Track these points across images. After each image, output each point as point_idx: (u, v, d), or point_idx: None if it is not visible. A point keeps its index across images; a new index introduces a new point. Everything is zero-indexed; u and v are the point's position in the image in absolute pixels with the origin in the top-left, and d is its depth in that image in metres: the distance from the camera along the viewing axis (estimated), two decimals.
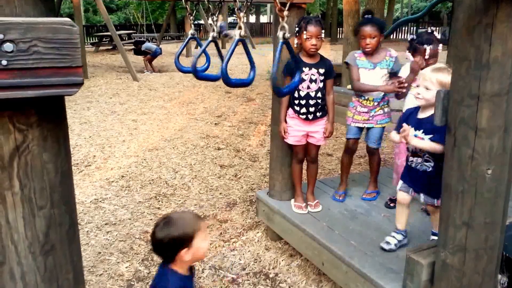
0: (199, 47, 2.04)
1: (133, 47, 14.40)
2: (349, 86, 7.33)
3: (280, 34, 1.43)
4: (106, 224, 4.08)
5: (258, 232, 3.99)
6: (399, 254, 2.86)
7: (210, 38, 2.02)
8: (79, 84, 1.00)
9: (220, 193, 4.82)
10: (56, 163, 1.05)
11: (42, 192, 1.03)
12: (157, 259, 3.52)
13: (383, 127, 3.71)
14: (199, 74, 1.57)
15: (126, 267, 3.42)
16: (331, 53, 16.93)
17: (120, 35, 15.25)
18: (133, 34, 21.04)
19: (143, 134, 6.99)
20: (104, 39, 19.62)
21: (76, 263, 1.14)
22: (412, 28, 29.31)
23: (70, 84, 0.98)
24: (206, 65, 2.41)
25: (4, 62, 0.88)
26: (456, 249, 2.07)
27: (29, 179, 1.00)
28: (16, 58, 0.90)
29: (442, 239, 2.13)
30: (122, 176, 5.19)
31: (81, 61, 0.99)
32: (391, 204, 3.59)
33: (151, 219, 4.19)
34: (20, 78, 0.90)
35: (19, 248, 1.02)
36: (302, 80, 3.35)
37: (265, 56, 16.17)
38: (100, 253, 3.61)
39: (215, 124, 7.71)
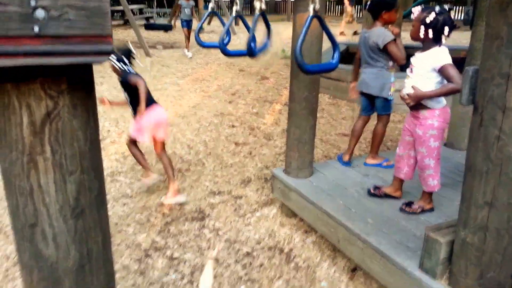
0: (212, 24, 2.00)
1: (144, 22, 14.28)
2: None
3: (310, 7, 1.39)
4: (122, 196, 4.13)
5: (273, 209, 4.01)
6: (416, 232, 2.86)
7: (234, 13, 1.98)
8: (108, 53, 0.99)
9: (235, 170, 4.83)
10: (86, 131, 1.05)
11: (73, 158, 1.03)
12: (173, 231, 3.57)
13: None
14: (226, 50, 1.54)
15: (143, 238, 3.47)
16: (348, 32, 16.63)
17: (131, 10, 15.14)
18: (144, 9, 20.82)
19: None
20: (115, 14, 19.47)
21: (104, 228, 1.15)
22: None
23: (99, 53, 0.97)
24: (227, 39, 2.38)
25: (36, 29, 0.88)
26: (477, 228, 2.06)
27: (60, 145, 1.00)
28: (48, 25, 0.89)
29: (463, 218, 2.11)
30: None
31: (110, 30, 0.98)
32: (373, 192, 3.46)
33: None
34: (51, 45, 0.90)
35: (51, 211, 1.03)
36: None
37: (279, 34, 15.98)
38: (117, 224, 3.66)
39: (229, 102, 7.68)
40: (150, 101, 3.97)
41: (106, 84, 8.66)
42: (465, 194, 2.09)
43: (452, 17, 3.30)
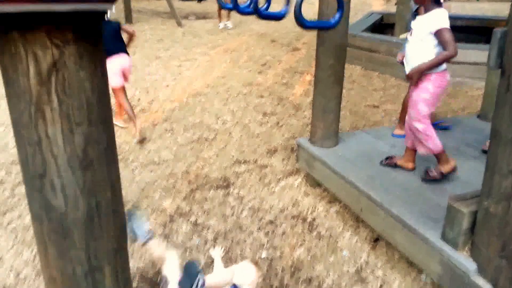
0: None
1: None
2: (402, 36, 6.95)
3: None
4: (150, 163, 4.22)
5: (297, 179, 4.01)
6: (440, 203, 2.78)
7: None
8: (113, 0, 0.99)
9: (261, 140, 4.83)
10: (93, 82, 1.06)
11: (80, 109, 1.04)
12: (198, 198, 3.64)
13: None
14: (262, 13, 1.50)
15: (169, 204, 3.56)
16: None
17: None
18: None
19: (186, 80, 7.04)
20: None
21: (114, 182, 1.17)
22: None
23: (105, 0, 0.97)
24: (266, 4, 2.32)
25: None
26: (501, 198, 1.98)
27: (67, 95, 1.02)
28: None
29: (486, 187, 2.04)
30: (166, 119, 5.30)
31: None
32: (385, 162, 3.40)
33: (193, 161, 4.29)
34: None
35: (59, 162, 1.05)
36: None
37: (313, 4, 15.57)
38: (144, 189, 3.76)
39: (259, 72, 7.62)
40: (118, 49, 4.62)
41: (138, 53, 8.75)
42: (489, 162, 2.01)
43: None
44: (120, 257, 1.25)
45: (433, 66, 2.90)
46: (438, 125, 4.19)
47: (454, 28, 2.96)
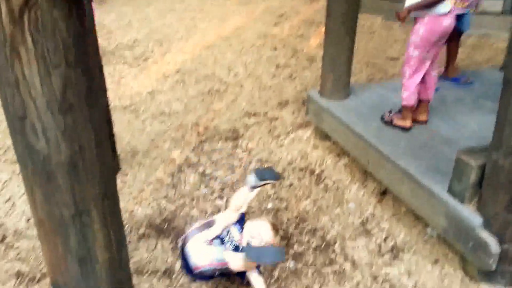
0: None
1: None
2: None
3: None
4: (160, 114, 4.23)
5: (307, 131, 3.96)
6: (450, 156, 2.71)
7: None
8: None
9: (273, 92, 4.76)
10: (68, 23, 1.02)
11: (56, 50, 1.02)
12: (207, 149, 3.65)
13: None
14: None
15: (178, 154, 3.58)
16: None
17: None
18: None
19: (200, 32, 6.91)
20: None
21: (97, 127, 1.16)
22: None
23: None
24: None
25: None
26: (510, 151, 1.91)
27: (41, 35, 0.99)
28: None
29: (496, 139, 1.96)
30: (178, 71, 5.25)
31: None
32: (386, 118, 3.27)
33: (203, 113, 4.27)
34: None
35: (38, 104, 1.04)
36: None
37: None
38: (154, 139, 3.79)
39: (275, 24, 7.41)
40: None
41: (153, 6, 8.58)
42: (500, 113, 1.92)
43: None
44: (108, 202, 1.26)
45: (420, 7, 2.86)
46: (459, 80, 4.04)
47: None
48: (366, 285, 2.42)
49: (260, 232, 2.51)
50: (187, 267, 2.37)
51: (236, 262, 2.26)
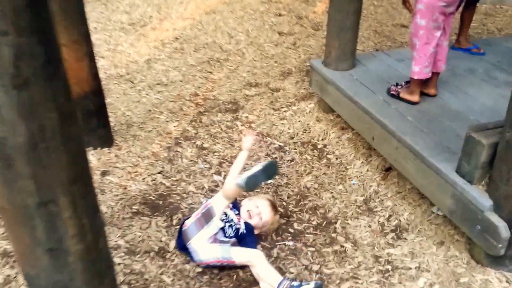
0: None
1: None
2: None
3: None
4: (157, 84, 4.06)
5: (310, 103, 3.79)
6: (460, 133, 2.56)
7: None
8: None
9: (275, 62, 4.56)
10: None
11: (2, 16, 0.86)
12: (205, 122, 3.50)
13: None
14: None
15: (175, 126, 3.45)
16: None
17: None
18: None
19: None
20: None
21: (61, 104, 1.01)
22: None
23: None
24: None
25: None
26: None
27: None
28: None
29: (511, 116, 1.80)
30: (177, 38, 5.04)
31: None
32: (393, 91, 3.07)
33: (202, 83, 4.10)
34: None
35: None
36: None
37: None
38: (150, 111, 3.64)
39: None
40: None
41: None
42: None
43: None
44: (79, 188, 1.13)
45: None
46: (471, 51, 3.83)
47: None
48: (367, 266, 2.32)
49: (259, 212, 2.41)
50: (180, 243, 2.28)
51: (241, 258, 2.19)
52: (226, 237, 2.28)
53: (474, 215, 2.11)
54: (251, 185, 2.19)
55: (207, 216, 2.24)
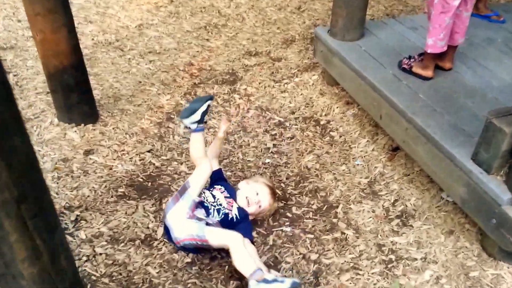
0: None
1: None
2: None
3: None
4: (149, 52, 3.80)
5: (314, 75, 3.54)
6: (478, 113, 2.33)
7: None
8: None
9: (278, 28, 4.26)
10: None
11: None
12: (201, 94, 3.27)
13: None
14: None
15: (167, 100, 3.22)
16: None
17: None
18: None
19: None
20: None
21: None
22: None
23: None
24: None
25: None
26: None
27: None
28: None
29: None
30: (172, 1, 4.70)
31: None
32: (404, 65, 2.82)
33: (198, 51, 3.84)
34: None
35: None
36: None
37: None
38: (140, 82, 3.40)
39: None
40: None
41: None
42: None
43: None
44: (27, 207, 0.93)
45: None
46: (490, 18, 3.52)
47: None
48: (369, 256, 2.16)
49: (258, 200, 2.23)
50: (169, 235, 2.11)
51: (217, 239, 2.00)
52: (208, 217, 2.12)
53: (490, 208, 1.91)
54: (186, 114, 2.19)
55: (182, 190, 2.12)
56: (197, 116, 2.20)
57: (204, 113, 2.23)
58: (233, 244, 1.95)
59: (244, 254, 1.92)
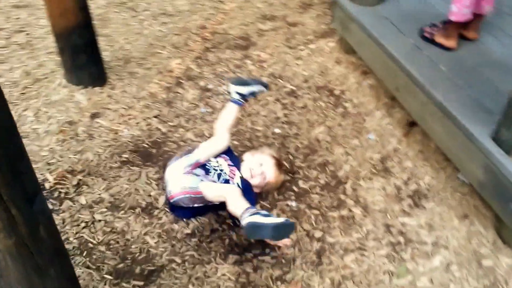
0: None
1: None
2: None
3: None
4: (162, 13, 3.67)
5: (330, 42, 3.38)
6: (502, 88, 2.16)
7: None
8: None
9: None
10: None
11: None
12: (212, 59, 3.16)
13: None
14: None
15: (177, 63, 3.12)
16: None
17: None
18: None
19: None
20: None
21: None
22: None
23: None
24: None
25: None
26: None
27: None
28: None
29: None
30: None
31: None
32: (426, 33, 2.62)
33: (211, 14, 3.69)
34: None
35: None
36: None
37: None
38: (152, 44, 3.30)
39: None
40: None
41: None
42: None
43: None
44: (2, 174, 0.87)
45: None
46: None
47: None
48: (376, 236, 2.08)
49: (262, 171, 2.16)
50: (170, 203, 2.07)
51: (211, 192, 1.95)
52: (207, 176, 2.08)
53: (508, 192, 1.79)
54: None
55: (188, 151, 2.15)
56: (245, 89, 2.22)
57: (252, 93, 2.25)
58: (229, 194, 1.89)
59: (240, 199, 1.86)
